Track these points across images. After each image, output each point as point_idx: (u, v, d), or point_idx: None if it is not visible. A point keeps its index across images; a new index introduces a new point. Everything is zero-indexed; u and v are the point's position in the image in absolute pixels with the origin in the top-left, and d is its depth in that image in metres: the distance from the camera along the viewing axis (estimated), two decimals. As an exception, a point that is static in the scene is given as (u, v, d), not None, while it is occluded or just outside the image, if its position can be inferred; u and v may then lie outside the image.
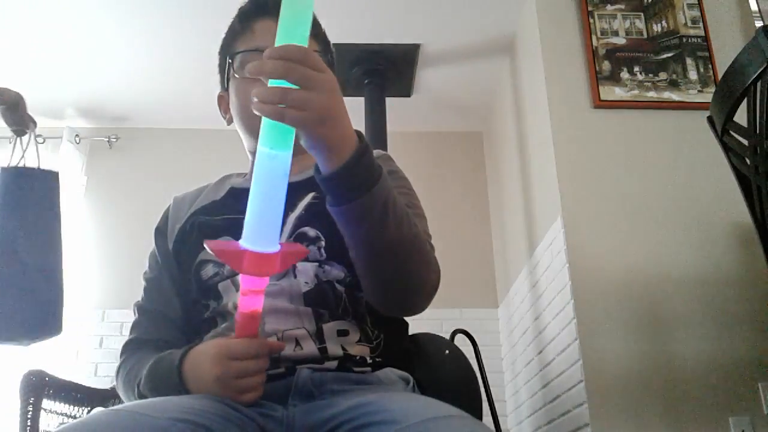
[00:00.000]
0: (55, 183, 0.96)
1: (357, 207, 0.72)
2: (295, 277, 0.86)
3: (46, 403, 1.43)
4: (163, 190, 3.28)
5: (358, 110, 2.81)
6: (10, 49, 2.82)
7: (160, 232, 1.03)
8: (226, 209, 0.96)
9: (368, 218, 0.74)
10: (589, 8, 2.37)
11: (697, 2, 2.39)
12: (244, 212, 0.85)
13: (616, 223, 2.07)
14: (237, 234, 0.88)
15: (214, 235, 0.91)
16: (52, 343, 2.91)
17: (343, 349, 0.83)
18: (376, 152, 0.99)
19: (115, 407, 0.69)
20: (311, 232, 0.90)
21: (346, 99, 0.71)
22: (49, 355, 2.75)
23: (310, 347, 0.82)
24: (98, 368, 2.87)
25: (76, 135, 3.21)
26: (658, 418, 1.84)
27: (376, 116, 2.80)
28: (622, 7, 2.39)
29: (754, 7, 2.40)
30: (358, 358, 0.83)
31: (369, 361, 0.84)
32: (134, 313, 1.02)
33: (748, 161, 1.34)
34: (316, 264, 0.87)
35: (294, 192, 0.93)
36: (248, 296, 0.71)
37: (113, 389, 1.66)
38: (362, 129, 2.75)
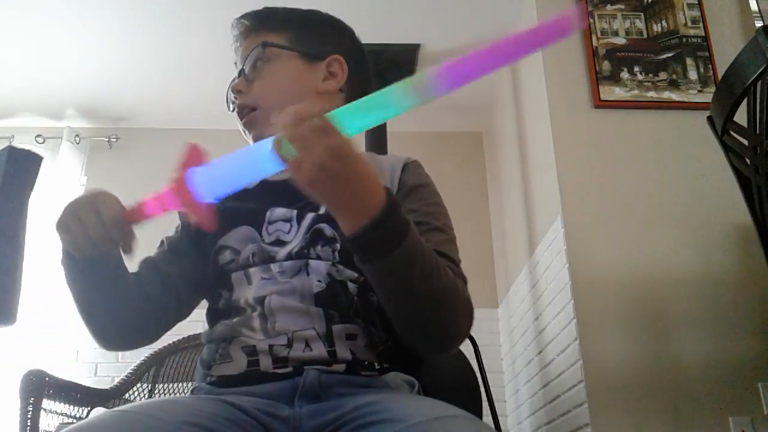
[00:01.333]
0: (35, 166, 0.94)
1: (379, 266, 0.73)
2: (308, 275, 0.85)
3: (46, 403, 1.43)
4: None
5: (358, 110, 2.80)
6: (10, 49, 2.82)
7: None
8: (253, 199, 0.95)
9: (392, 276, 0.74)
10: (589, 8, 2.37)
11: (697, 2, 2.39)
12: (268, 203, 0.90)
13: (616, 222, 2.07)
14: (256, 223, 0.90)
15: (234, 223, 0.92)
16: (52, 343, 2.88)
17: (352, 353, 0.82)
18: (406, 159, 0.99)
19: (122, 408, 0.69)
20: (328, 231, 0.89)
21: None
22: (49, 355, 2.76)
23: (319, 349, 0.81)
24: (98, 368, 2.87)
25: (76, 135, 3.21)
26: (658, 418, 1.84)
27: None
28: (622, 7, 2.39)
29: (754, 7, 2.40)
30: (366, 363, 0.82)
31: (377, 366, 0.83)
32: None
33: (748, 161, 1.34)
34: (329, 263, 0.86)
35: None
36: (155, 204, 0.79)
37: (113, 389, 1.66)
38: (362, 129, 2.74)
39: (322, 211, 0.90)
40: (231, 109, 1.04)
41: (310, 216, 0.90)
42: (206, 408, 0.71)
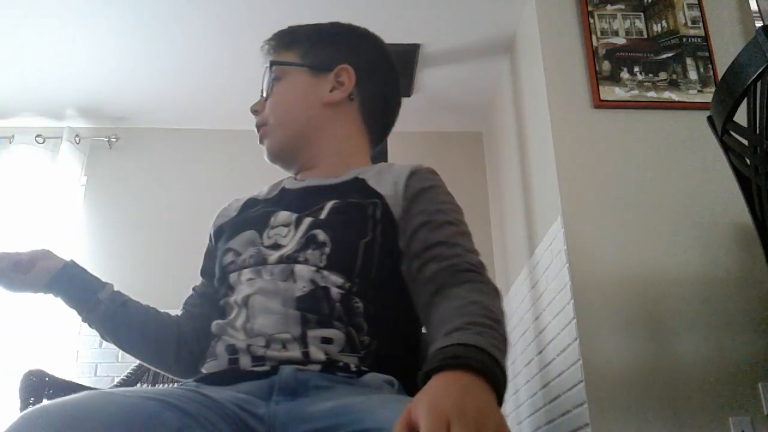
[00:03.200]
0: None
1: None
2: (295, 281, 0.87)
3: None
4: (162, 190, 3.30)
5: (358, 110, 2.80)
6: (10, 49, 2.81)
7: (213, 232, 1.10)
8: (270, 204, 1.01)
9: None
10: (589, 8, 2.37)
11: (697, 2, 2.39)
12: (276, 208, 0.96)
13: (616, 223, 2.07)
14: (260, 228, 0.94)
15: (243, 228, 0.97)
16: (52, 343, 2.90)
17: (327, 354, 0.82)
18: (415, 167, 1.01)
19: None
20: (321, 236, 0.90)
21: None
22: (49, 355, 2.76)
23: (294, 350, 0.82)
24: (98, 368, 2.87)
25: (76, 135, 3.21)
26: (658, 418, 1.84)
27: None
28: (622, 7, 2.39)
29: (754, 7, 2.40)
30: (341, 364, 0.82)
31: (353, 369, 0.82)
32: None
33: (748, 161, 1.34)
34: (314, 269, 0.87)
35: (318, 195, 0.97)
36: None
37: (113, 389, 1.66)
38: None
39: (322, 216, 0.92)
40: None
41: (307, 221, 0.92)
42: (175, 391, 0.74)
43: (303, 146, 1.04)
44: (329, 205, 0.93)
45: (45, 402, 0.66)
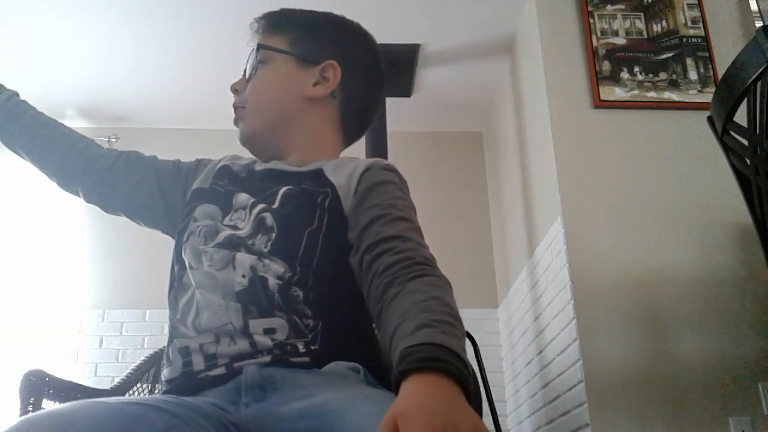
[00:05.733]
0: None
1: None
2: (234, 269, 0.87)
3: (46, 404, 1.43)
4: (163, 190, 3.29)
5: (358, 110, 2.80)
6: (10, 49, 2.82)
7: (191, 167, 1.09)
8: (233, 181, 1.01)
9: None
10: (589, 8, 2.37)
11: (697, 2, 2.39)
12: (238, 188, 0.97)
13: (616, 223, 2.07)
14: (224, 206, 0.96)
15: (210, 199, 0.98)
16: (52, 343, 2.90)
17: (273, 340, 0.83)
18: (371, 162, 0.98)
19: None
20: (269, 220, 0.91)
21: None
22: (49, 355, 2.76)
23: (242, 342, 0.83)
24: (98, 368, 2.87)
25: (76, 135, 3.21)
26: (658, 418, 1.84)
27: (376, 116, 2.79)
28: (622, 7, 2.39)
29: (754, 7, 2.40)
30: (289, 348, 0.82)
31: (302, 350, 0.83)
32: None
33: (748, 161, 1.34)
34: (256, 257, 0.87)
35: (276, 180, 0.97)
36: None
37: (113, 389, 1.66)
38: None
39: (275, 204, 0.92)
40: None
41: (260, 206, 0.93)
42: (157, 397, 0.75)
43: (275, 137, 1.04)
44: (282, 190, 0.93)
45: (36, 412, 0.67)
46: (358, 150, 1.01)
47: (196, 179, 1.04)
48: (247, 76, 1.06)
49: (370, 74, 1.10)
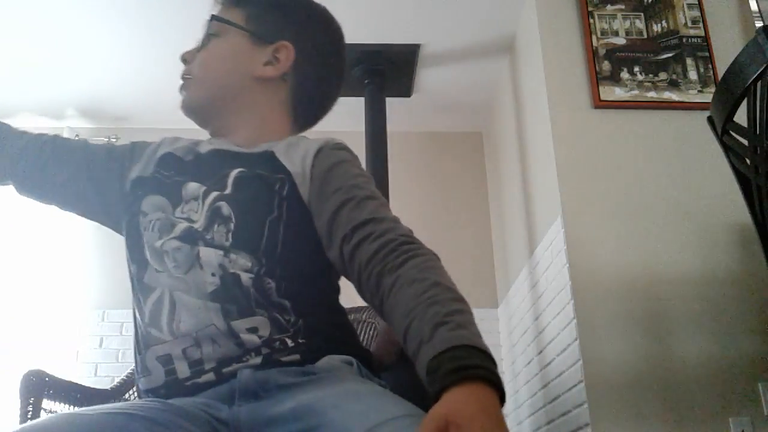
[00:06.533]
0: None
1: None
2: (201, 268, 0.83)
3: (46, 404, 1.43)
4: (163, 190, 3.28)
5: (358, 110, 2.80)
6: (10, 49, 2.82)
7: (125, 152, 1.03)
8: (179, 169, 0.96)
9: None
10: (589, 8, 2.37)
11: (697, 2, 2.39)
12: (187, 177, 0.93)
13: (616, 223, 2.07)
14: (173, 198, 0.90)
15: (155, 190, 0.93)
16: (52, 343, 2.90)
17: (260, 337, 0.80)
18: (322, 143, 0.93)
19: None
20: (225, 209, 0.87)
21: (346, 99, 0.70)
22: (49, 355, 2.76)
23: (227, 344, 0.80)
24: (98, 368, 2.87)
25: (77, 135, 3.21)
26: (658, 418, 1.84)
27: (376, 116, 2.79)
28: (622, 7, 2.39)
29: (754, 7, 2.40)
30: (278, 344, 0.80)
31: (291, 345, 0.81)
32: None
33: (748, 161, 1.34)
34: (222, 253, 0.84)
35: (224, 161, 0.93)
36: None
37: (113, 389, 1.66)
38: (362, 129, 2.75)
39: (227, 190, 0.88)
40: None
41: (213, 195, 0.89)
42: (140, 404, 0.72)
43: (218, 112, 1.00)
44: (234, 173, 0.90)
45: (16, 429, 0.66)
46: (358, 150, 1.00)
47: (133, 165, 0.99)
48: (199, 45, 1.04)
49: (327, 61, 1.06)
